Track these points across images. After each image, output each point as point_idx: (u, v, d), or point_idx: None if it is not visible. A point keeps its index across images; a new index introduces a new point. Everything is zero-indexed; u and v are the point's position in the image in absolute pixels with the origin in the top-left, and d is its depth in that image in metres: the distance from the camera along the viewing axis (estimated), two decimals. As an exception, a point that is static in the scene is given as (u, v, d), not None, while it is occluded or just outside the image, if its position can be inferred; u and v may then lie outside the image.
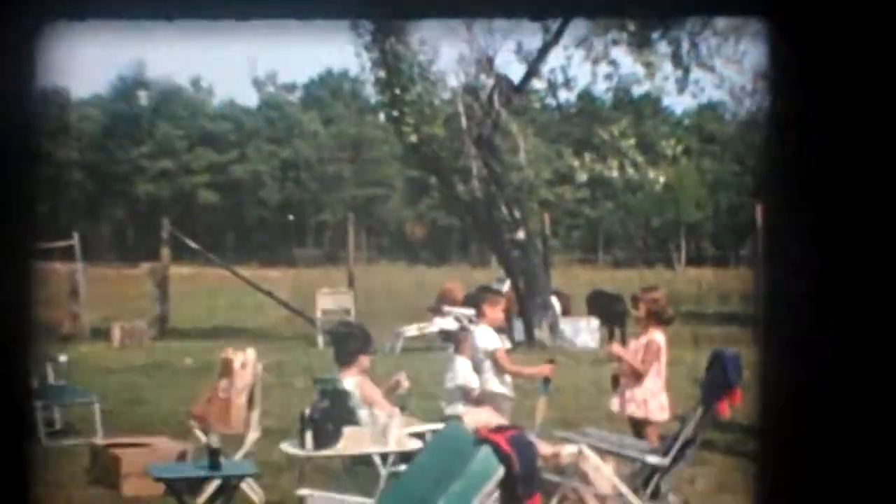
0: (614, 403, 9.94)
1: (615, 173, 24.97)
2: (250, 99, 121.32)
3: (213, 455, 8.17)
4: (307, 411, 8.46)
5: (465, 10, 1.80)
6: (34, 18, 1.47)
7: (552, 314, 23.33)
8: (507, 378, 10.00)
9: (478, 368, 9.97)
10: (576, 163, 25.51)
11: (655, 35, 22.84)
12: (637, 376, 9.67)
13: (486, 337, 10.01)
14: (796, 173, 1.56)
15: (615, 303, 23.19)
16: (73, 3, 1.51)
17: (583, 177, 25.64)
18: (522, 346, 20.97)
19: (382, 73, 23.25)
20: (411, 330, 21.94)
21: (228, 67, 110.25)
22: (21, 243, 1.54)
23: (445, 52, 23.43)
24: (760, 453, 1.63)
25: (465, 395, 9.84)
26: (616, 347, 10.29)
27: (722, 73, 23.41)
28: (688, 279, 42.49)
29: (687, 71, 23.43)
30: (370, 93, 25.69)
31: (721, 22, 22.23)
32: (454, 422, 8.42)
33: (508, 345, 10.29)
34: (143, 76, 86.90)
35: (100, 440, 11.32)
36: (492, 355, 9.90)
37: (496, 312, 10.23)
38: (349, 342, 9.24)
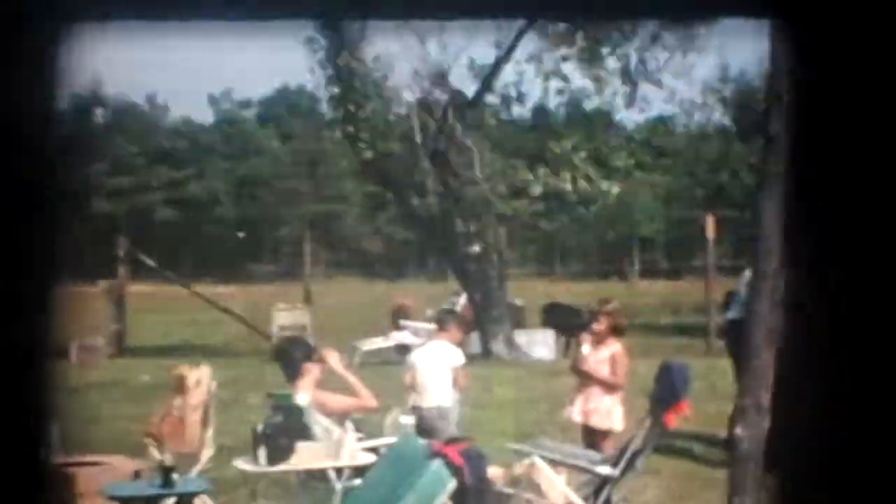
0: (575, 413, 9.87)
1: (569, 186, 25.09)
2: (206, 116, 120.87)
3: (166, 473, 8.22)
4: (260, 427, 8.52)
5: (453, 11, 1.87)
6: None
7: (508, 327, 23.42)
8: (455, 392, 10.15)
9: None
10: (530, 176, 25.61)
11: (605, 51, 23.04)
12: (611, 389, 9.70)
13: (445, 352, 10.16)
14: (809, 162, 1.64)
15: (572, 315, 23.28)
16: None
17: (537, 190, 25.73)
18: (478, 359, 21.03)
19: (337, 90, 23.32)
20: (368, 344, 21.95)
21: (184, 83, 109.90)
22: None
23: (399, 68, 23.50)
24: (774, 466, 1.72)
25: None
26: (585, 365, 10.09)
27: (671, 86, 23.66)
28: (641, 291, 42.74)
29: (635, 86, 23.64)
30: (326, 109, 25.70)
31: (669, 37, 22.46)
32: (408, 435, 8.51)
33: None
34: (99, 94, 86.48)
35: (55, 459, 11.29)
36: (456, 371, 10.10)
37: (457, 332, 10.50)
38: (291, 353, 9.32)
